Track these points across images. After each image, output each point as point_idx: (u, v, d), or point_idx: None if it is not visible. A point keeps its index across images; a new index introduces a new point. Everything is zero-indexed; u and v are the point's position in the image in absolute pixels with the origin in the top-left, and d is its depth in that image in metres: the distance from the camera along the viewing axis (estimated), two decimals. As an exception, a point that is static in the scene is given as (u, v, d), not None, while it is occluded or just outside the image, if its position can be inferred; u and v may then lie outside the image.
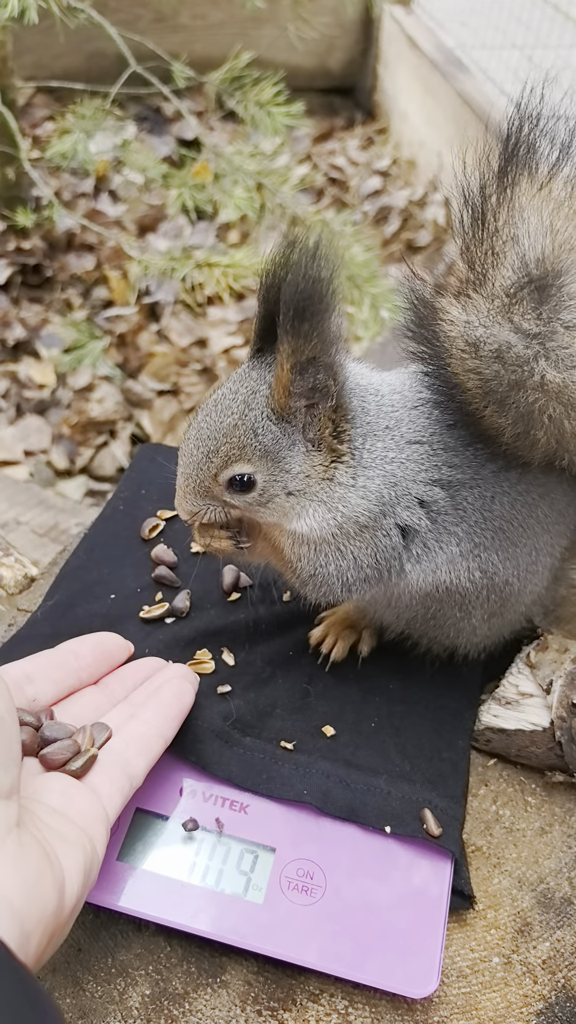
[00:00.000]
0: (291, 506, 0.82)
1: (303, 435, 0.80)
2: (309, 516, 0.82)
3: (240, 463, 0.80)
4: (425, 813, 0.83)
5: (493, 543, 0.85)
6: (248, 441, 0.79)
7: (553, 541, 0.88)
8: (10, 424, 2.84)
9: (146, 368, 3.00)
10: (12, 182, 3.18)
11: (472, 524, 0.84)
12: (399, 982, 0.74)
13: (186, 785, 0.84)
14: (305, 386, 0.77)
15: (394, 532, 0.83)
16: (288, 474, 0.80)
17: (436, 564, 0.85)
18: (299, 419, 0.79)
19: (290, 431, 0.80)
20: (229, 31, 3.86)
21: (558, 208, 0.73)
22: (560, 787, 0.91)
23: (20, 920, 0.55)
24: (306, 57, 4.00)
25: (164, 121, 4.00)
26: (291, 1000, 0.76)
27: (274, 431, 0.79)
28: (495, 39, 3.95)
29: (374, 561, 0.84)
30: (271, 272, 0.76)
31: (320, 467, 0.81)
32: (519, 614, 0.93)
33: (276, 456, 0.80)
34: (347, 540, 0.83)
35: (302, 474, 0.81)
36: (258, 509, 0.82)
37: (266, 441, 0.79)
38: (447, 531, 0.84)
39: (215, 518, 0.84)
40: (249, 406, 0.79)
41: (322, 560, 0.85)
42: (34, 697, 0.78)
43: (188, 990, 0.76)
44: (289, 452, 0.80)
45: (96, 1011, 0.74)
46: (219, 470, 0.80)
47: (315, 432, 0.80)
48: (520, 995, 0.77)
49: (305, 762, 0.86)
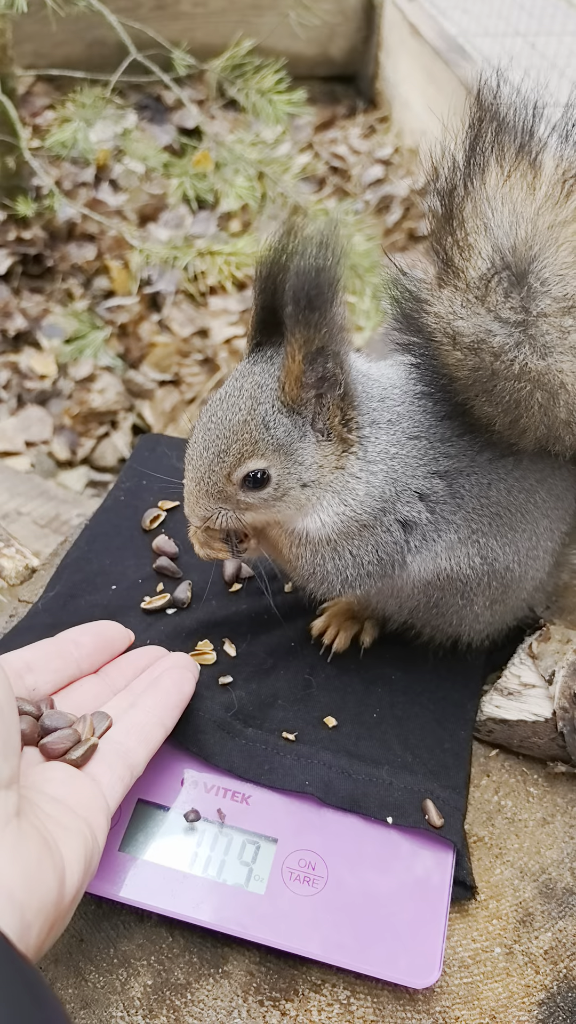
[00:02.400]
0: (306, 498, 0.81)
1: (312, 426, 0.79)
2: (324, 508, 0.82)
3: (254, 459, 0.78)
4: (427, 804, 0.83)
5: (491, 529, 0.84)
6: (260, 436, 0.78)
7: (553, 526, 0.88)
8: (11, 415, 2.84)
9: (147, 358, 3.00)
10: (12, 171, 3.17)
11: (469, 511, 0.84)
12: (401, 972, 0.74)
13: (187, 776, 0.84)
14: (315, 376, 0.77)
15: (395, 527, 0.83)
16: (301, 466, 0.80)
17: (435, 552, 0.85)
18: (309, 410, 0.79)
19: (300, 423, 0.79)
20: (230, 18, 3.84)
21: (528, 195, 0.73)
22: (562, 778, 0.91)
23: (20, 910, 0.55)
24: (307, 45, 3.98)
25: (165, 110, 3.98)
26: (293, 990, 0.76)
27: (285, 423, 0.78)
28: (498, 26, 3.93)
29: (375, 557, 0.84)
30: (269, 263, 0.75)
31: (332, 456, 0.80)
32: (521, 600, 0.92)
33: (289, 449, 0.79)
34: (348, 539, 0.83)
35: (315, 464, 0.80)
36: (273, 504, 0.81)
37: (278, 434, 0.78)
38: (445, 520, 0.84)
39: (227, 523, 0.82)
40: (257, 400, 0.78)
41: (320, 559, 0.84)
42: (34, 686, 0.78)
43: (190, 980, 0.76)
44: (301, 444, 0.79)
45: (98, 1001, 0.74)
46: (232, 468, 0.79)
47: (325, 422, 0.79)
48: (522, 985, 0.77)
49: (307, 753, 0.86)
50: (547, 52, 3.71)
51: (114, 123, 3.41)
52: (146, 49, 2.66)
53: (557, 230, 0.72)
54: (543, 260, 0.73)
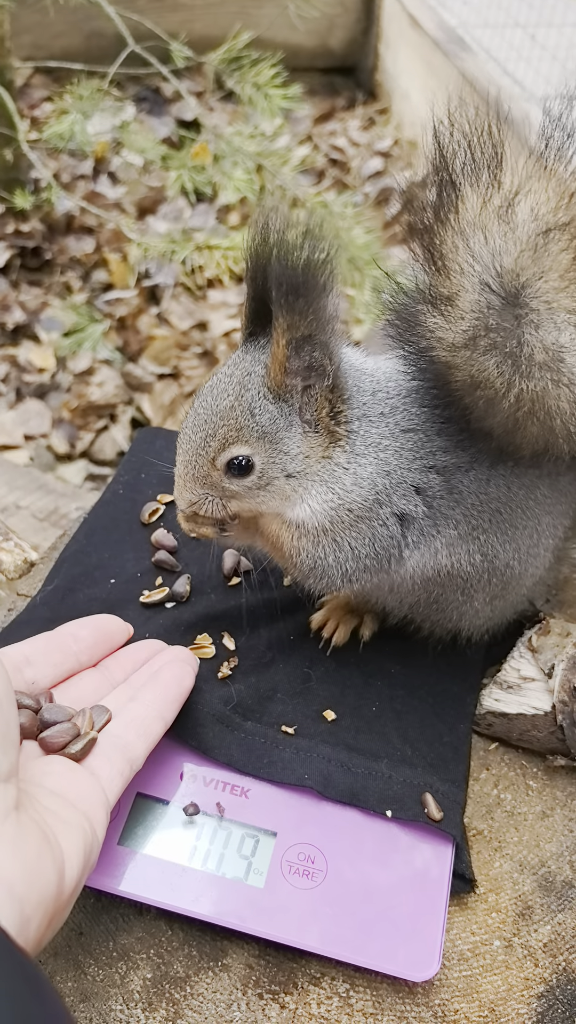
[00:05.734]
0: (292, 489, 0.81)
1: (300, 416, 0.79)
2: (311, 499, 0.81)
3: (238, 444, 0.79)
4: (426, 797, 0.83)
5: (491, 525, 0.84)
6: (245, 422, 0.78)
7: (555, 522, 0.88)
8: (10, 408, 2.83)
9: (146, 351, 2.99)
10: (10, 164, 3.16)
11: (469, 507, 0.83)
12: (400, 965, 0.74)
13: (187, 770, 0.84)
14: (301, 364, 0.76)
15: (391, 521, 0.83)
16: (287, 456, 0.80)
17: (435, 549, 0.85)
18: (296, 399, 0.79)
19: (287, 411, 0.79)
20: (229, 10, 3.82)
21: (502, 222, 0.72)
22: (561, 771, 0.91)
23: (20, 903, 0.55)
24: (307, 36, 3.97)
25: (163, 102, 3.96)
26: (292, 983, 0.76)
27: (271, 411, 0.78)
28: (498, 17, 3.91)
29: (373, 551, 0.84)
30: (257, 252, 0.75)
31: (319, 447, 0.80)
32: (521, 595, 0.92)
33: (274, 437, 0.79)
34: (344, 530, 0.83)
35: (301, 455, 0.80)
36: (258, 493, 0.81)
37: (263, 421, 0.78)
38: (443, 515, 0.83)
39: (214, 510, 0.83)
40: (245, 387, 0.78)
41: (321, 552, 0.84)
42: (33, 680, 0.78)
43: (189, 974, 0.76)
44: (287, 433, 0.79)
45: (97, 994, 0.74)
46: (217, 453, 0.79)
47: (312, 413, 0.79)
48: (521, 978, 0.77)
49: (306, 746, 0.86)
50: (547, 43, 3.69)
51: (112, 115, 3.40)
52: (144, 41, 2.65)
53: (541, 256, 0.72)
54: (533, 287, 0.72)
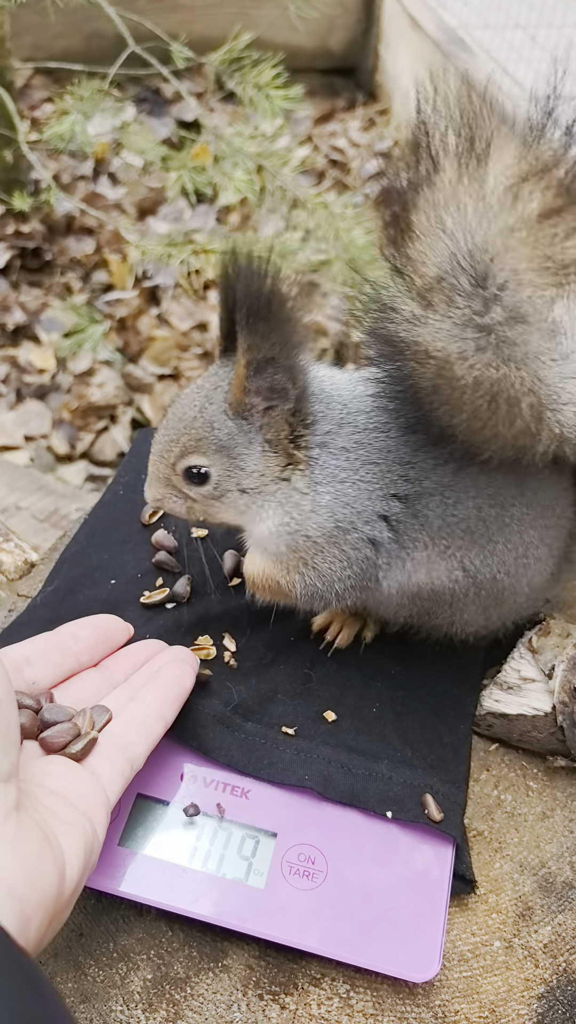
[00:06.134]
0: (246, 505, 0.84)
1: (261, 435, 0.81)
2: (268, 519, 0.84)
3: (195, 455, 0.82)
4: (426, 798, 0.83)
5: (465, 544, 0.84)
6: (204, 434, 0.81)
7: (544, 534, 0.87)
8: (10, 409, 2.83)
9: (146, 352, 2.99)
10: (10, 165, 3.16)
11: (435, 530, 0.84)
12: (400, 966, 0.74)
13: (187, 770, 0.84)
14: (262, 385, 0.78)
15: (363, 545, 0.84)
16: (243, 471, 0.82)
17: (408, 570, 0.86)
18: (257, 418, 0.81)
19: (247, 429, 0.81)
20: (229, 10, 3.82)
21: (478, 200, 0.71)
22: (562, 772, 0.91)
23: (20, 904, 0.55)
24: (307, 37, 3.97)
25: (163, 102, 3.96)
26: (292, 984, 0.76)
27: (230, 427, 0.81)
28: (498, 18, 3.91)
29: (352, 572, 0.86)
30: (226, 272, 0.76)
31: (276, 468, 0.82)
32: (519, 605, 0.92)
33: (231, 452, 0.81)
34: (312, 555, 0.85)
35: (256, 472, 0.82)
36: (213, 503, 0.85)
37: (221, 436, 0.81)
38: (410, 538, 0.84)
39: (176, 509, 0.87)
40: (210, 400, 0.82)
41: (298, 577, 0.86)
42: (33, 680, 0.78)
43: (190, 974, 0.76)
44: (246, 450, 0.82)
45: (98, 995, 0.74)
46: (177, 459, 0.83)
47: (272, 434, 0.81)
48: (521, 979, 0.77)
49: (306, 747, 0.86)
50: (547, 44, 3.69)
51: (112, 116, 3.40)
52: (144, 41, 2.65)
53: (508, 236, 0.71)
54: (499, 265, 0.71)
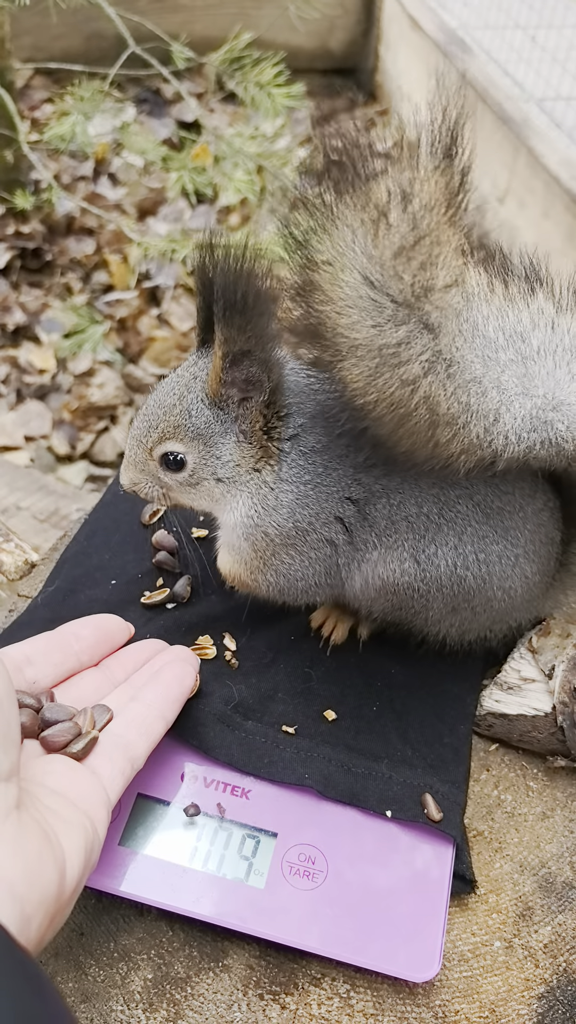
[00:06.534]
0: (220, 493, 0.86)
1: (237, 426, 0.83)
2: (237, 507, 0.86)
3: (172, 441, 0.84)
4: (426, 798, 0.83)
5: (411, 537, 0.85)
6: (182, 422, 0.83)
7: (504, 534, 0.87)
8: (11, 409, 2.83)
9: (147, 353, 2.99)
10: (11, 165, 3.16)
11: (382, 528, 0.86)
12: (401, 966, 0.74)
13: (187, 770, 0.84)
14: (238, 377, 0.80)
15: (323, 545, 0.86)
16: (218, 460, 0.84)
17: (364, 569, 0.88)
18: (233, 409, 0.83)
19: (224, 419, 0.83)
20: (229, 11, 3.83)
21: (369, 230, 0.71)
22: (562, 772, 0.91)
23: (21, 903, 0.55)
24: (307, 38, 3.97)
25: (164, 103, 3.97)
26: (293, 984, 0.76)
27: (207, 416, 0.83)
28: (498, 19, 3.91)
29: (315, 571, 0.88)
30: (203, 265, 0.78)
31: (250, 459, 0.84)
32: (500, 609, 0.91)
33: (208, 440, 0.84)
34: (272, 555, 0.87)
35: (232, 462, 0.84)
36: (188, 490, 0.87)
37: (199, 424, 0.83)
38: (361, 539, 0.87)
39: (152, 495, 0.89)
40: (189, 388, 0.83)
41: (269, 579, 0.89)
42: (34, 679, 0.78)
43: (190, 974, 0.76)
44: (222, 439, 0.84)
45: (98, 995, 0.74)
46: (155, 445, 0.85)
47: (247, 424, 0.83)
48: (521, 979, 0.77)
49: (306, 746, 0.86)
50: (548, 45, 3.70)
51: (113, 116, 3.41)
52: (145, 42, 2.65)
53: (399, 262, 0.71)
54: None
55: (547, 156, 3.06)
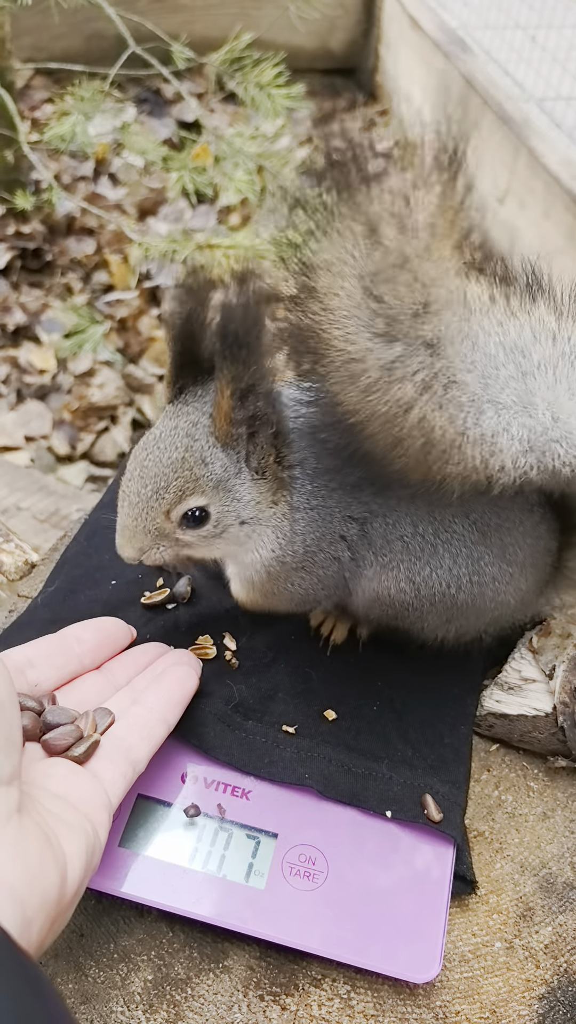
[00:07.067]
0: (246, 535, 0.83)
1: (247, 464, 0.80)
2: (266, 542, 0.84)
3: (194, 496, 0.79)
4: (426, 798, 0.83)
5: (407, 558, 0.85)
6: (200, 472, 0.78)
7: (503, 551, 0.87)
8: (11, 410, 2.83)
9: (147, 353, 2.99)
10: (11, 165, 3.16)
11: (378, 547, 0.85)
12: (401, 967, 0.74)
13: (188, 771, 0.84)
14: (246, 414, 0.77)
15: (330, 563, 0.86)
16: (239, 502, 0.80)
17: (362, 584, 0.88)
18: (242, 447, 0.79)
19: (235, 459, 0.80)
20: (229, 11, 3.82)
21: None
22: (562, 772, 0.91)
23: (22, 906, 0.55)
24: (307, 38, 3.97)
25: (164, 103, 3.96)
26: (293, 985, 0.76)
27: (222, 459, 0.79)
28: (498, 19, 3.91)
29: (323, 586, 0.88)
30: (183, 308, 0.75)
31: (268, 493, 0.82)
32: (495, 618, 0.91)
33: (227, 485, 0.79)
34: (288, 578, 0.87)
35: (253, 501, 0.81)
36: (213, 541, 0.82)
37: (216, 470, 0.79)
38: (360, 555, 0.86)
39: (162, 558, 0.82)
40: (193, 437, 0.78)
41: (286, 599, 0.89)
42: (36, 682, 0.78)
43: (190, 975, 0.76)
44: (237, 480, 0.80)
45: (98, 996, 0.74)
46: (172, 506, 0.79)
47: (259, 460, 0.80)
48: (522, 979, 0.77)
49: (307, 746, 0.86)
50: (548, 45, 3.69)
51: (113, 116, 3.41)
52: (145, 42, 2.65)
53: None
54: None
55: (547, 156, 3.06)
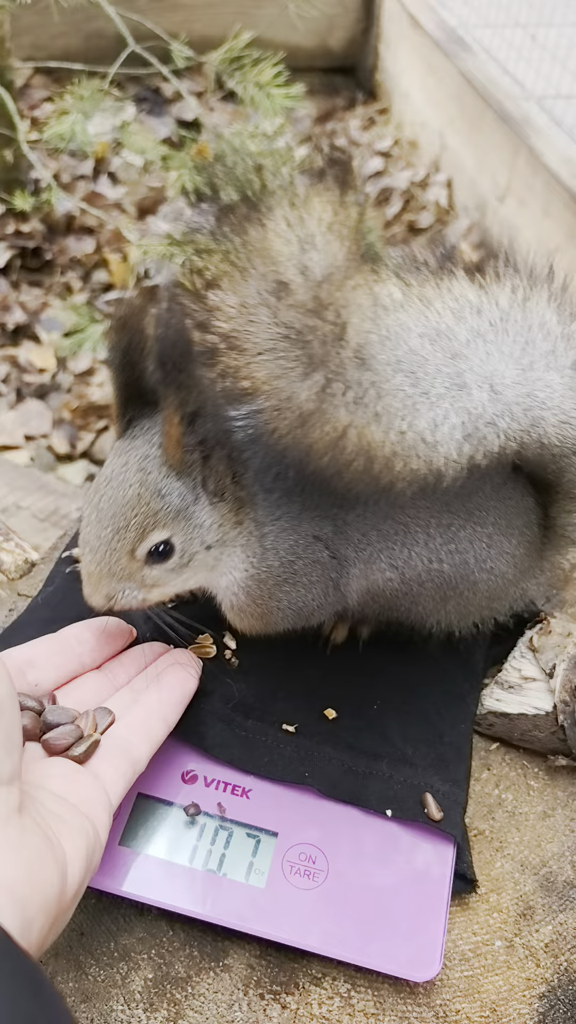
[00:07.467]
0: (215, 559, 0.81)
1: (205, 489, 0.78)
2: (237, 563, 0.83)
3: (156, 531, 0.77)
4: (426, 797, 0.83)
5: (384, 545, 0.85)
6: (157, 505, 0.76)
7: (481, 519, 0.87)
8: (10, 408, 2.83)
9: (147, 352, 2.98)
10: (10, 164, 3.16)
11: (356, 541, 0.85)
12: (401, 965, 0.74)
13: (188, 770, 0.84)
14: (197, 438, 0.75)
15: (312, 568, 0.85)
16: (202, 528, 0.79)
17: (350, 581, 0.88)
18: (197, 472, 0.77)
19: (191, 485, 0.78)
20: (229, 10, 3.82)
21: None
22: (563, 771, 0.91)
23: (22, 906, 0.55)
24: (307, 36, 3.97)
25: (163, 102, 3.96)
26: (293, 984, 0.76)
27: (178, 487, 0.77)
28: (498, 17, 3.91)
29: (313, 594, 0.87)
30: (120, 340, 0.74)
31: (230, 514, 0.80)
32: (492, 589, 0.91)
33: (187, 514, 0.78)
34: (272, 595, 0.85)
35: (215, 525, 0.79)
36: (182, 571, 0.80)
37: (174, 500, 0.77)
38: (341, 554, 0.86)
39: (132, 603, 0.80)
40: (146, 471, 0.76)
41: (280, 617, 0.88)
42: (36, 682, 0.78)
43: (191, 974, 0.76)
44: (196, 506, 0.78)
45: (99, 995, 0.74)
46: (135, 544, 0.77)
47: (216, 483, 0.78)
48: (522, 978, 0.77)
49: (307, 745, 0.86)
50: (547, 43, 3.69)
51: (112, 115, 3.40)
52: (144, 41, 2.65)
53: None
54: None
55: (547, 154, 3.06)
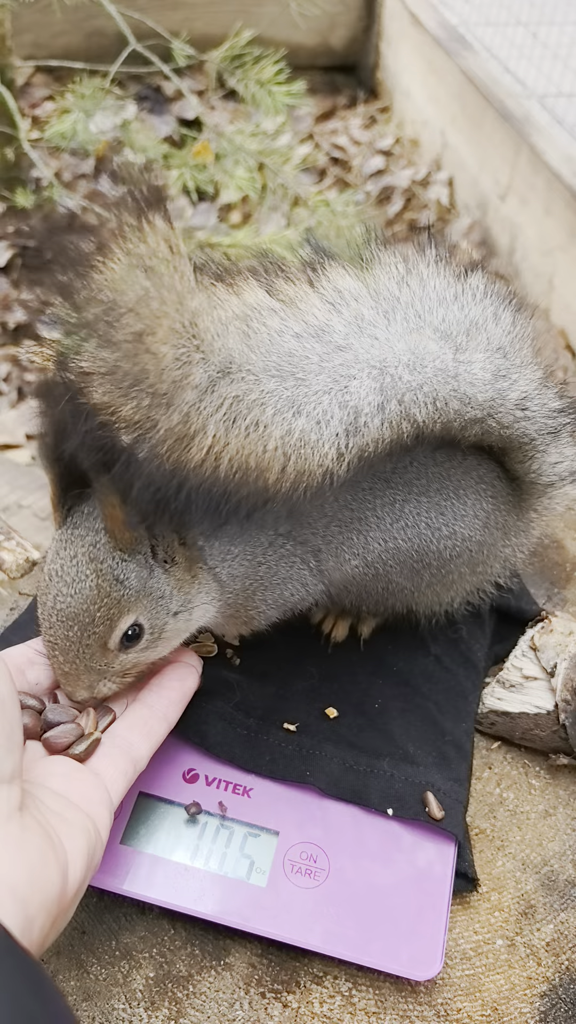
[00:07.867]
0: (184, 620, 0.80)
1: (155, 559, 0.77)
2: (204, 611, 0.83)
3: (124, 617, 0.75)
4: (427, 796, 0.83)
5: (342, 537, 0.86)
6: (119, 592, 0.74)
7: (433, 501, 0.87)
8: (12, 407, 2.83)
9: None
10: (12, 163, 3.15)
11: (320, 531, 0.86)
12: (403, 964, 0.74)
13: (189, 769, 0.84)
14: (138, 514, 0.73)
15: (279, 564, 0.85)
16: (165, 599, 0.77)
17: (322, 572, 0.88)
18: (145, 546, 0.76)
19: (142, 560, 0.76)
20: (230, 8, 3.81)
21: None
22: (564, 770, 0.91)
23: (23, 905, 0.55)
24: (308, 35, 3.96)
25: (164, 100, 3.96)
26: (295, 982, 0.76)
27: (133, 568, 0.75)
28: (499, 15, 3.90)
29: (292, 588, 0.87)
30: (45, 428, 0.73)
31: (186, 575, 0.79)
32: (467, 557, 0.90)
33: (146, 590, 0.76)
34: (248, 605, 0.86)
35: (175, 590, 0.78)
36: (157, 644, 0.79)
37: (132, 582, 0.75)
38: (312, 545, 0.86)
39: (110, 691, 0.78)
40: (98, 560, 0.74)
41: (261, 620, 0.89)
42: (37, 680, 0.78)
43: (192, 972, 0.76)
44: (152, 579, 0.76)
45: (100, 993, 0.74)
46: (106, 636, 0.75)
47: (165, 551, 0.77)
48: (524, 977, 0.77)
49: (308, 744, 0.86)
50: (549, 41, 3.69)
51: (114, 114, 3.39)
52: (146, 39, 2.65)
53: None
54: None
55: (549, 153, 3.05)
